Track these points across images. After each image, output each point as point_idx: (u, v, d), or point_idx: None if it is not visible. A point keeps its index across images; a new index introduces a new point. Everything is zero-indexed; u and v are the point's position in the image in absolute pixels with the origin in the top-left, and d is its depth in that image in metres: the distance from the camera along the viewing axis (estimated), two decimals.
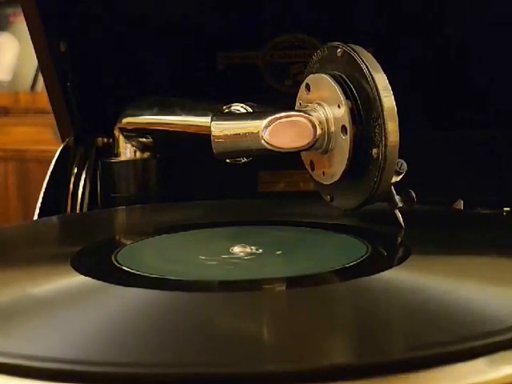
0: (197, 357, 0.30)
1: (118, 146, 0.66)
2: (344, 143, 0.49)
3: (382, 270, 0.39)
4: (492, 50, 0.70)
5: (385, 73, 0.47)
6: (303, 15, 0.71)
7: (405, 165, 0.48)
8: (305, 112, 0.50)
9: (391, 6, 0.70)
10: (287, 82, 0.73)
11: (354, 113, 0.48)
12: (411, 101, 0.67)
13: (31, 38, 0.66)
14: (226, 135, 0.50)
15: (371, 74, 0.47)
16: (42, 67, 0.69)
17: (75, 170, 0.68)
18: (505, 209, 0.61)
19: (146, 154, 0.67)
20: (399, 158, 0.47)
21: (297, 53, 0.72)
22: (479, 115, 0.71)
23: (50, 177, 0.66)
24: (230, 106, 0.54)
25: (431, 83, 0.72)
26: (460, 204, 0.60)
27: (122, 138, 0.66)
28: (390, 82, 0.47)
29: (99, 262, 0.44)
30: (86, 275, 0.40)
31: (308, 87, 0.52)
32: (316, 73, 0.52)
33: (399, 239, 0.48)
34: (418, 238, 0.47)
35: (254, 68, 0.72)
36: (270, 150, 0.49)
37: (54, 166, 0.67)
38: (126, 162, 0.66)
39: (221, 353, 0.31)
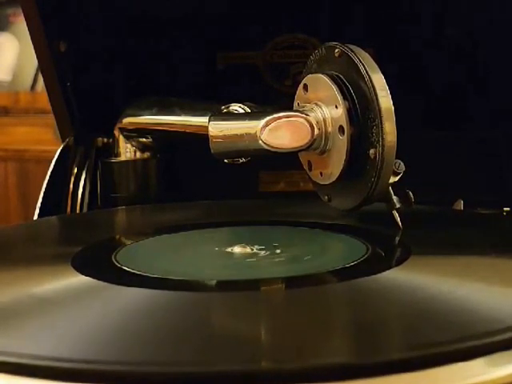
0: (196, 356, 0.30)
1: (118, 146, 0.66)
2: (341, 143, 0.49)
3: (382, 271, 0.39)
4: (492, 50, 0.70)
5: (384, 73, 0.47)
6: (303, 15, 0.71)
7: (402, 165, 0.48)
8: (302, 112, 0.50)
9: (391, 5, 0.70)
10: (287, 82, 0.73)
11: (351, 113, 0.48)
12: (411, 101, 0.67)
13: (31, 38, 0.66)
14: (224, 135, 0.50)
15: (368, 75, 0.47)
16: (41, 67, 0.69)
17: (75, 170, 0.68)
18: (505, 209, 0.61)
19: (146, 154, 0.67)
20: (398, 158, 0.47)
21: (297, 53, 0.72)
22: (479, 115, 0.71)
23: (50, 177, 0.66)
24: (229, 106, 0.54)
25: (431, 83, 0.72)
26: (460, 204, 0.60)
27: (122, 138, 0.66)
28: (389, 82, 0.47)
29: (99, 262, 0.44)
30: (86, 275, 0.40)
31: (306, 87, 0.52)
32: (314, 73, 0.52)
33: (399, 239, 0.48)
34: (418, 238, 0.47)
35: (254, 68, 0.72)
36: (267, 150, 0.49)
37: (54, 166, 0.67)
38: (126, 162, 0.66)
39: (220, 352, 0.31)
